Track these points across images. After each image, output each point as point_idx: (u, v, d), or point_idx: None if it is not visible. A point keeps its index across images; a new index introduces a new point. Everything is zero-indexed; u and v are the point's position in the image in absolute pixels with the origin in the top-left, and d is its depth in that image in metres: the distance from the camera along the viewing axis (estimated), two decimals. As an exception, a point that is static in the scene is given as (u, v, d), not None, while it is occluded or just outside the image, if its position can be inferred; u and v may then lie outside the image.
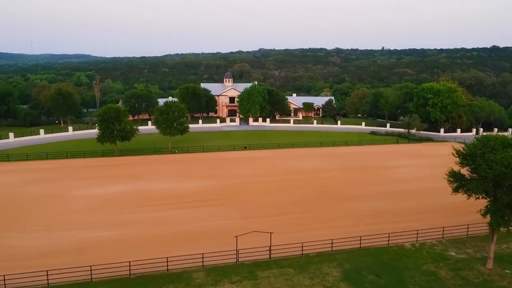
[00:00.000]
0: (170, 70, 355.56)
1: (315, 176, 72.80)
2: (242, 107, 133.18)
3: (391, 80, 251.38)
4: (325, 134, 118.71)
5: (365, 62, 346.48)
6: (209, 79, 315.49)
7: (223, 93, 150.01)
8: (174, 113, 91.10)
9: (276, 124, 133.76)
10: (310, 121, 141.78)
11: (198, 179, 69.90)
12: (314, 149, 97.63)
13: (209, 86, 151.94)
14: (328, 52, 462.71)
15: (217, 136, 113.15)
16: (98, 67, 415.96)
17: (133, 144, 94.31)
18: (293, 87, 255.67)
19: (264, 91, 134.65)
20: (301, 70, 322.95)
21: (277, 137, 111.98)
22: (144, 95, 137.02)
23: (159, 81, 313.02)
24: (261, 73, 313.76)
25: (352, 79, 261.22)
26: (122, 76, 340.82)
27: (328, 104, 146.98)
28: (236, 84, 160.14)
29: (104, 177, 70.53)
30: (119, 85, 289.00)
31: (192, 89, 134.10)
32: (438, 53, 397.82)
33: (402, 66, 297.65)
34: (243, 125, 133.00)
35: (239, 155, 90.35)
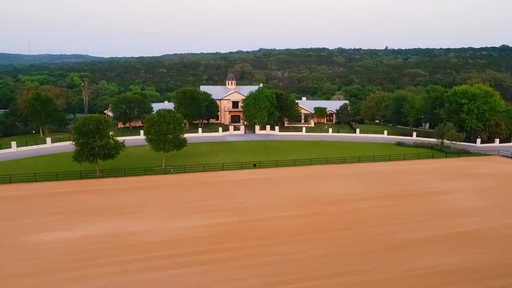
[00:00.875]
0: (168, 70, 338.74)
1: (350, 208, 56.13)
2: (247, 113, 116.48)
3: (403, 81, 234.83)
4: (344, 145, 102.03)
5: (371, 62, 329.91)
6: (209, 80, 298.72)
7: (225, 97, 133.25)
8: (168, 124, 74.32)
9: (286, 133, 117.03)
10: (323, 128, 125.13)
11: (198, 213, 53.18)
12: (338, 167, 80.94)
13: (209, 89, 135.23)
14: (331, 52, 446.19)
15: (220, 148, 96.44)
16: (93, 67, 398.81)
17: (119, 160, 77.63)
18: (298, 89, 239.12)
19: (272, 95, 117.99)
20: (305, 71, 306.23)
21: (290, 150, 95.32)
22: (136, 99, 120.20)
23: (156, 82, 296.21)
24: (263, 74, 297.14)
25: (361, 80, 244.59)
26: (118, 77, 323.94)
27: (343, 109, 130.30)
28: (240, 87, 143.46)
29: (75, 212, 53.68)
30: (113, 87, 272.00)
31: (191, 93, 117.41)
32: (446, 52, 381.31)
33: (411, 66, 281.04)
34: (248, 134, 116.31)
35: (248, 176, 73.63)
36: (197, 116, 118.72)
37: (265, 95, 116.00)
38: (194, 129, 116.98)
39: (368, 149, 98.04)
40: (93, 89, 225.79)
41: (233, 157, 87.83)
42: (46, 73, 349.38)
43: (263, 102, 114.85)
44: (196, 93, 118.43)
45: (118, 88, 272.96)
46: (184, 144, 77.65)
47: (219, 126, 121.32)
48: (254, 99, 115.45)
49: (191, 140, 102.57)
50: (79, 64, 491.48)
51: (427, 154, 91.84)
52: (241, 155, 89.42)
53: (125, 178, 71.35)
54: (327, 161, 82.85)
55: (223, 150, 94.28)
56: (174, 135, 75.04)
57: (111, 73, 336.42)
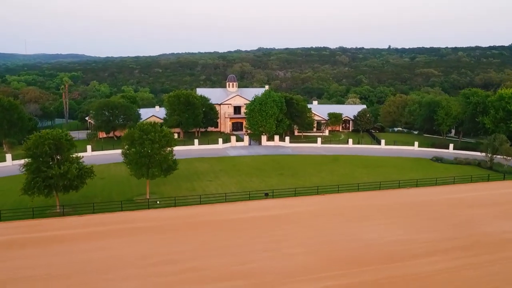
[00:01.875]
0: (164, 70, 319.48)
1: (414, 271, 37.42)
2: (252, 121, 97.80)
3: (416, 82, 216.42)
4: (372, 162, 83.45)
5: (377, 62, 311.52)
6: (207, 80, 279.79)
7: (226, 101, 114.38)
8: (153, 143, 55.47)
9: (298, 145, 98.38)
10: (340, 138, 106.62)
11: (192, 284, 34.56)
12: (374, 195, 62.26)
13: (207, 92, 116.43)
14: (333, 51, 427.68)
15: (220, 167, 77.73)
16: (86, 67, 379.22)
17: (92, 186, 58.95)
18: (303, 90, 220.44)
19: (281, 100, 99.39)
20: (308, 71, 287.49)
21: (307, 169, 76.67)
22: (121, 105, 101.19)
23: (150, 83, 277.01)
24: (264, 74, 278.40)
25: (370, 81, 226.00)
26: (111, 77, 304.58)
27: (362, 115, 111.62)
28: (242, 89, 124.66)
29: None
30: (105, 88, 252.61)
31: (185, 97, 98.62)
32: (454, 51, 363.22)
33: (422, 66, 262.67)
34: (254, 146, 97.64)
35: (259, 211, 54.92)
36: (192, 124, 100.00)
37: (273, 100, 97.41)
38: (190, 140, 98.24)
39: (402, 167, 79.47)
40: (81, 90, 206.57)
41: (238, 180, 69.10)
42: (35, 73, 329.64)
43: (270, 108, 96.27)
44: (192, 97, 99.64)
45: (109, 89, 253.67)
46: (174, 168, 58.80)
47: (219, 137, 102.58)
48: (260, 104, 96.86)
49: (185, 154, 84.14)
50: (73, 64, 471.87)
51: (479, 174, 73.28)
52: (247, 177, 70.70)
53: (94, 216, 52.52)
54: (359, 187, 64.14)
55: (225, 170, 75.51)
56: (161, 157, 56.18)
57: (104, 73, 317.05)
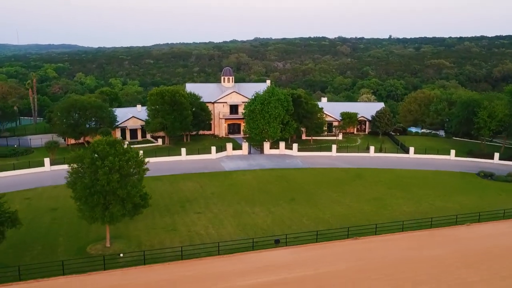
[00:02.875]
0: (156, 62, 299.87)
1: None
2: (252, 125, 79.86)
3: (427, 74, 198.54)
4: (403, 178, 65.78)
5: (381, 52, 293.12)
6: (201, 72, 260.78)
7: (220, 99, 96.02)
8: (111, 172, 37.30)
9: (309, 154, 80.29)
10: (357, 143, 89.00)
11: None
12: (426, 238, 44.64)
13: (198, 88, 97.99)
14: (333, 41, 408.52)
15: (212, 188, 59.85)
16: (75, 58, 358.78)
17: (35, 225, 41.14)
18: (305, 83, 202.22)
19: (287, 99, 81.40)
20: (308, 62, 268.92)
21: (324, 190, 58.94)
22: (93, 105, 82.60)
23: (141, 75, 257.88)
24: (262, 65, 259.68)
25: (377, 73, 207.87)
26: (99, 69, 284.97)
27: (381, 116, 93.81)
28: (240, 84, 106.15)
29: None
30: (90, 81, 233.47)
31: (171, 95, 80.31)
32: (459, 41, 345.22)
33: (431, 57, 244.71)
34: (255, 155, 79.67)
35: (270, 274, 36.96)
36: (179, 128, 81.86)
37: (277, 98, 79.40)
38: (176, 148, 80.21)
39: (444, 186, 61.86)
40: (62, 84, 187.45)
41: (236, 210, 51.27)
42: (19, 64, 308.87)
43: (274, 108, 78.26)
44: (179, 95, 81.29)
45: (96, 81, 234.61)
46: (144, 206, 40.79)
47: (213, 141, 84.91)
48: (262, 104, 78.84)
49: (169, 169, 66.32)
50: (63, 55, 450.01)
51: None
52: (248, 205, 52.90)
53: (22, 285, 34.69)
54: (403, 226, 46.37)
55: (218, 193, 57.64)
56: (123, 191, 38.01)
57: (92, 64, 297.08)
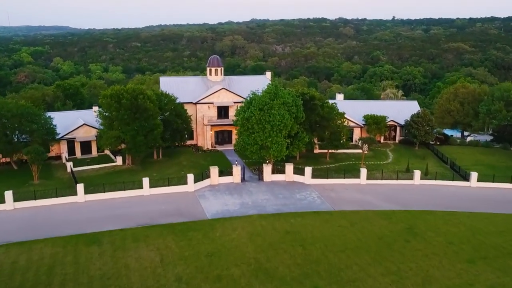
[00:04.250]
0: (143, 45, 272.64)
1: None
2: (248, 139, 55.58)
3: (447, 60, 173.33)
4: (481, 234, 41.68)
5: (388, 35, 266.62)
6: (192, 56, 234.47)
7: (205, 98, 70.92)
8: None
9: (328, 181, 55.13)
10: (390, 160, 64.91)
11: None
12: None
13: (175, 83, 73.15)
14: (334, 22, 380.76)
15: (179, 266, 35.75)
16: (58, 40, 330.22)
17: None
18: (307, 70, 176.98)
19: (296, 102, 56.90)
20: (310, 45, 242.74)
21: (364, 266, 35.13)
22: (22, 111, 57.62)
23: (125, 60, 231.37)
24: (259, 49, 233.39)
25: (389, 58, 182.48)
26: (80, 52, 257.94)
27: (419, 121, 69.30)
28: (231, 78, 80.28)
29: None
30: (68, 67, 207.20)
31: (131, 97, 55.70)
32: (470, 22, 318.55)
33: (444, 40, 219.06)
34: (251, 184, 55.01)
35: None
36: (144, 144, 57.26)
37: (282, 102, 54.99)
38: (139, 173, 55.98)
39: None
40: (28, 71, 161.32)
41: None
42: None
43: (279, 116, 53.88)
44: (143, 98, 56.53)
45: (74, 67, 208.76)
46: None
47: (192, 161, 60.57)
48: (262, 109, 54.38)
49: (121, 215, 41.69)
50: (49, 37, 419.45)
51: None
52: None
53: None
54: None
55: (188, 279, 33.63)
56: None
57: (74, 47, 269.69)
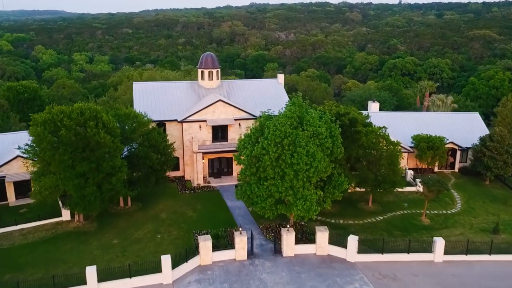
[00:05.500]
0: (135, 31, 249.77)
1: None
2: (258, 189, 35.59)
3: (475, 50, 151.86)
4: None
5: (400, 20, 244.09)
6: (187, 44, 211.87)
7: (195, 114, 50.02)
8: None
9: (381, 258, 34.94)
10: (459, 209, 44.83)
11: None
12: None
13: (153, 92, 52.45)
14: (338, 7, 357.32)
15: None
16: (43, 26, 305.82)
17: None
18: (316, 61, 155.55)
19: (332, 129, 36.70)
20: (316, 32, 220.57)
21: None
22: None
23: (114, 48, 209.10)
24: (260, 36, 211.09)
25: (408, 47, 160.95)
26: (66, 40, 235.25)
27: (493, 145, 49.05)
28: (231, 83, 58.40)
29: None
30: (50, 56, 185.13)
31: (77, 124, 35.14)
32: (486, 7, 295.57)
33: (467, 26, 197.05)
34: (263, 264, 34.93)
35: None
36: (98, 198, 36.66)
37: (313, 133, 34.78)
38: (87, 241, 36.02)
39: None
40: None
41: None
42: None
43: (308, 157, 33.77)
44: (96, 127, 35.95)
45: (56, 57, 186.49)
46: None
47: (175, 201, 40.46)
48: (281, 145, 34.25)
49: None
50: (38, 22, 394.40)
51: None
52: None
53: None
54: None
55: None
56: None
57: (60, 34, 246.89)
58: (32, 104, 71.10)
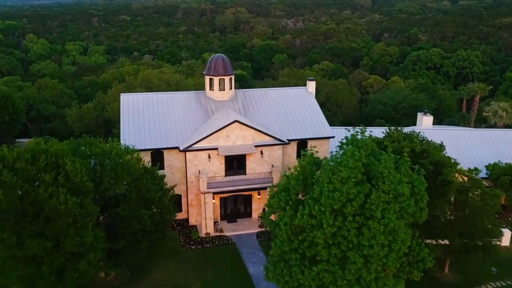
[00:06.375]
0: (133, 18, 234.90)
1: None
2: (304, 278, 23.22)
3: (504, 40, 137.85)
4: None
5: (414, 6, 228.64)
6: (188, 33, 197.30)
7: (202, 140, 36.55)
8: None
9: None
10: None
11: None
12: None
13: (146, 106, 39.36)
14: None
15: None
16: (40, 13, 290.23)
17: None
18: (329, 52, 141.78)
19: (418, 185, 24.05)
20: (325, 19, 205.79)
21: None
22: None
23: (110, 37, 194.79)
24: (267, 24, 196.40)
25: (430, 37, 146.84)
26: (60, 28, 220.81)
27: None
28: (247, 93, 44.54)
29: None
30: (41, 46, 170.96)
31: (25, 178, 22.91)
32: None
33: (490, 13, 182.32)
34: None
35: None
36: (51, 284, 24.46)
37: (393, 194, 22.05)
38: None
39: None
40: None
41: None
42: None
43: (387, 236, 21.18)
44: (53, 185, 23.46)
45: (48, 47, 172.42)
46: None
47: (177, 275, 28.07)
48: (341, 212, 21.50)
49: None
50: (35, 7, 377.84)
51: None
52: None
53: None
54: None
55: None
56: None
57: (54, 21, 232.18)
58: (2, 112, 58.15)
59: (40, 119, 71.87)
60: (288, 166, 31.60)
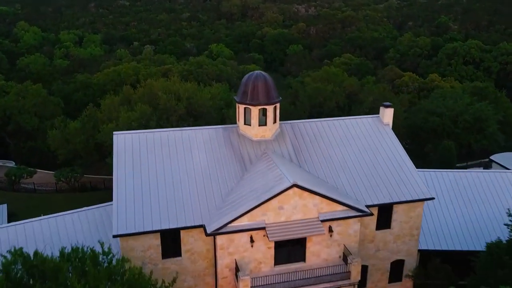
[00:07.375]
0: (132, 4, 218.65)
1: None
2: None
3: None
4: None
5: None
6: (192, 20, 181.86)
7: (241, 217, 23.91)
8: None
9: None
10: None
11: None
12: None
13: (150, 154, 25.65)
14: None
15: None
16: None
17: None
18: (349, 44, 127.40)
19: None
20: (340, 5, 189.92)
21: None
22: None
23: (108, 24, 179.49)
24: (277, 10, 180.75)
25: (462, 26, 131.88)
26: (55, 14, 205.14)
27: None
28: (297, 127, 30.57)
29: None
30: (33, 35, 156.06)
31: None
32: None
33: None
34: None
35: None
36: None
37: None
38: None
39: None
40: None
41: None
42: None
43: None
44: None
45: (41, 35, 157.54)
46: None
47: None
48: None
49: None
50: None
51: None
52: None
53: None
54: None
55: None
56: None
57: (48, 7, 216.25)
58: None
59: (20, 134, 58.53)
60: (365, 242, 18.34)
